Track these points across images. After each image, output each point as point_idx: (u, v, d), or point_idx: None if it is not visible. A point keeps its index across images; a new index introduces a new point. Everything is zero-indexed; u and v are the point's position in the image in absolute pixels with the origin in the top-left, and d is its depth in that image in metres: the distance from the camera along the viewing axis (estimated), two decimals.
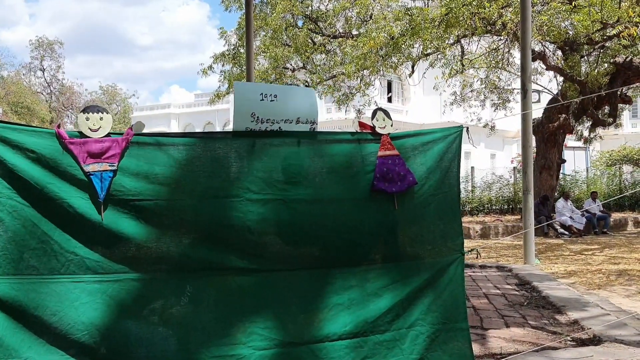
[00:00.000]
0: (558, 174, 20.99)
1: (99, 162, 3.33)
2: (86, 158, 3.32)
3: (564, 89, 19.49)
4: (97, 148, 3.35)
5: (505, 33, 15.88)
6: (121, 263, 3.38)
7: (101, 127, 3.41)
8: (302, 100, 3.91)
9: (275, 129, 3.76)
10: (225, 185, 3.59)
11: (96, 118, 3.41)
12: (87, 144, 3.35)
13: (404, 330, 3.84)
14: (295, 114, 3.83)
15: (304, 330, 3.65)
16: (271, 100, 3.77)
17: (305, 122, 3.86)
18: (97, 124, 3.40)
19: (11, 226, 3.21)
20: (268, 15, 19.39)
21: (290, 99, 3.87)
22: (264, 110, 3.75)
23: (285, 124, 3.79)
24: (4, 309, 3.17)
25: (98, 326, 3.29)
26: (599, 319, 5.65)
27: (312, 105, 3.94)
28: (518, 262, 11.27)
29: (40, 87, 58.07)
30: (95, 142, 3.36)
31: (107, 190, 3.33)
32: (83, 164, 3.31)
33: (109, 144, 3.38)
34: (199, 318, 3.49)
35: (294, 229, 3.71)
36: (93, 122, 3.40)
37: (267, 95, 3.80)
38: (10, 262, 3.20)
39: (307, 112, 3.87)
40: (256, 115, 3.73)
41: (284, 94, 3.89)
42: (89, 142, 3.36)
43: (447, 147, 4.04)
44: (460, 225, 4.13)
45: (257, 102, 3.75)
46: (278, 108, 3.79)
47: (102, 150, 3.36)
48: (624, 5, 14.25)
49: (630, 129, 42.34)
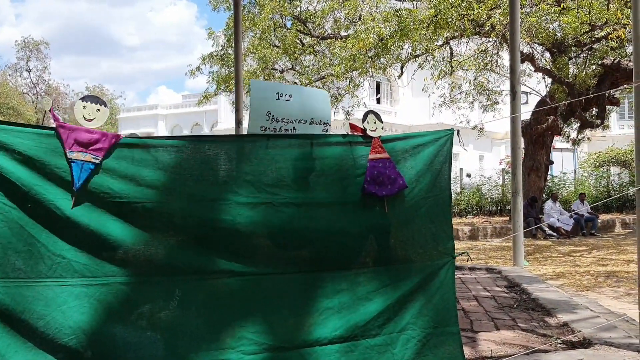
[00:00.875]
0: (546, 176, 21.08)
1: (84, 151, 3.29)
2: (72, 145, 3.28)
3: (552, 90, 19.55)
4: (85, 137, 3.31)
5: (494, 35, 15.91)
6: (109, 266, 3.34)
7: (96, 118, 3.39)
8: (316, 102, 3.93)
9: (289, 128, 3.78)
10: (214, 188, 3.58)
11: (93, 109, 3.39)
12: (77, 131, 3.31)
13: (395, 335, 3.82)
14: (309, 114, 3.85)
15: (294, 334, 3.62)
16: (286, 100, 3.79)
17: (318, 123, 3.88)
18: (92, 115, 3.38)
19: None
20: (256, 15, 19.34)
21: (305, 100, 3.90)
22: (279, 109, 3.78)
23: (299, 124, 3.81)
24: None
25: (85, 330, 3.26)
26: (589, 322, 5.64)
27: (325, 107, 3.98)
28: (507, 263, 11.28)
29: (26, 88, 57.66)
30: (86, 131, 3.33)
31: (85, 181, 3.28)
32: (68, 149, 3.27)
33: (98, 136, 3.35)
34: (188, 322, 3.45)
35: (284, 232, 3.69)
36: (89, 111, 3.38)
37: (283, 95, 3.83)
38: None
39: (321, 113, 3.90)
40: (271, 114, 3.75)
41: (299, 95, 3.92)
42: (79, 129, 3.32)
43: (438, 150, 4.03)
44: (451, 228, 4.12)
45: (272, 101, 3.78)
46: (293, 108, 3.81)
47: (90, 141, 3.32)
48: (612, 7, 14.32)
49: (617, 130, 42.55)
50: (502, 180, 25.30)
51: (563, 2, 15.16)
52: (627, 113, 44.42)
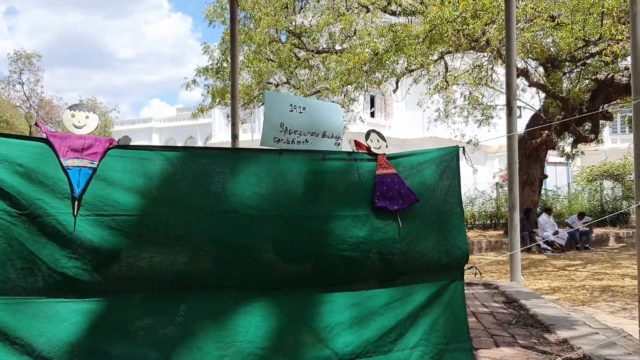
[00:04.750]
0: (540, 190, 21.15)
1: (79, 157, 3.27)
2: (67, 152, 3.25)
3: (546, 105, 19.66)
4: (78, 144, 3.30)
5: (490, 50, 15.98)
6: (113, 282, 3.29)
7: (86, 124, 3.38)
8: (328, 115, 3.94)
9: (302, 140, 3.79)
10: (222, 201, 3.53)
11: (82, 116, 3.38)
12: (69, 139, 3.29)
13: (408, 351, 3.79)
14: (321, 127, 3.86)
15: (305, 350, 3.57)
16: (299, 112, 3.80)
17: (330, 137, 3.89)
18: (82, 122, 3.37)
19: None
20: (252, 30, 19.38)
21: (317, 113, 3.92)
22: (293, 121, 3.81)
23: (312, 137, 3.82)
24: None
25: (88, 348, 3.21)
26: (588, 338, 5.62)
27: (337, 120, 4.00)
28: (502, 278, 11.27)
29: (19, 101, 57.37)
30: (78, 137, 3.32)
31: (84, 188, 3.24)
32: (63, 157, 3.24)
33: (91, 141, 3.33)
34: (194, 338, 3.40)
35: (293, 245, 3.66)
36: (79, 119, 3.37)
37: (296, 107, 3.86)
38: None
39: (333, 127, 3.93)
40: (285, 126, 3.77)
41: (312, 108, 3.95)
42: (71, 137, 3.30)
43: (446, 166, 4.05)
44: (465, 243, 4.11)
45: (286, 113, 3.80)
46: (306, 120, 3.84)
47: (83, 147, 3.30)
48: (606, 23, 14.40)
49: (610, 144, 42.73)
50: (496, 193, 25.33)
51: (557, 17, 15.24)
52: (620, 127, 44.65)
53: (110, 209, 3.29)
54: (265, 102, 3.92)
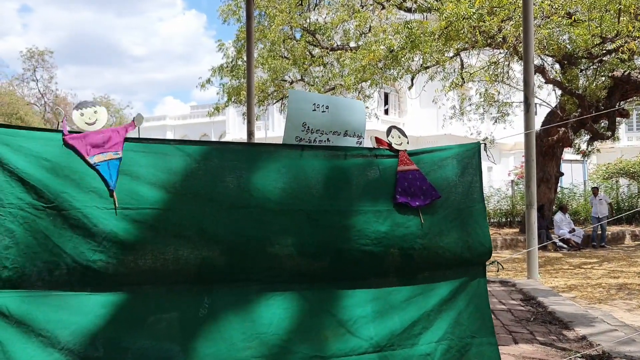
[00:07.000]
0: (556, 187, 21.06)
1: (102, 151, 3.27)
2: (89, 150, 3.26)
3: (563, 102, 19.56)
4: (98, 139, 3.30)
5: (506, 46, 15.91)
6: (137, 275, 3.30)
7: (97, 119, 3.38)
8: (351, 113, 3.93)
9: (323, 140, 3.79)
10: (244, 195, 3.54)
11: (90, 112, 3.39)
12: (88, 137, 3.29)
13: (434, 344, 3.79)
14: (344, 126, 3.86)
15: (329, 343, 3.57)
16: (322, 112, 3.80)
17: (352, 136, 3.89)
18: (92, 118, 3.37)
19: (22, 238, 3.10)
20: (266, 27, 19.42)
21: (340, 111, 3.92)
22: (315, 120, 3.81)
23: (333, 136, 3.83)
24: (14, 323, 3.09)
25: (112, 339, 3.21)
26: (607, 335, 5.62)
27: (360, 118, 3.99)
28: (518, 275, 11.24)
29: (33, 98, 57.75)
30: (95, 133, 3.32)
31: (117, 177, 3.26)
32: (87, 156, 3.24)
33: (110, 133, 3.34)
34: (218, 330, 3.40)
35: (316, 239, 3.66)
36: (88, 116, 3.37)
37: (319, 106, 3.86)
38: (21, 275, 3.11)
39: (356, 125, 3.92)
40: (307, 125, 3.78)
41: (335, 106, 3.93)
42: (89, 134, 3.31)
43: (467, 162, 4.06)
44: (488, 239, 4.11)
45: (309, 112, 3.80)
46: (328, 120, 3.84)
47: (104, 140, 3.31)
48: (623, 20, 14.31)
49: (626, 142, 42.43)
50: (511, 191, 25.24)
51: (574, 14, 15.16)
52: (636, 125, 44.40)
53: (135, 202, 3.29)
54: (288, 101, 3.93)
